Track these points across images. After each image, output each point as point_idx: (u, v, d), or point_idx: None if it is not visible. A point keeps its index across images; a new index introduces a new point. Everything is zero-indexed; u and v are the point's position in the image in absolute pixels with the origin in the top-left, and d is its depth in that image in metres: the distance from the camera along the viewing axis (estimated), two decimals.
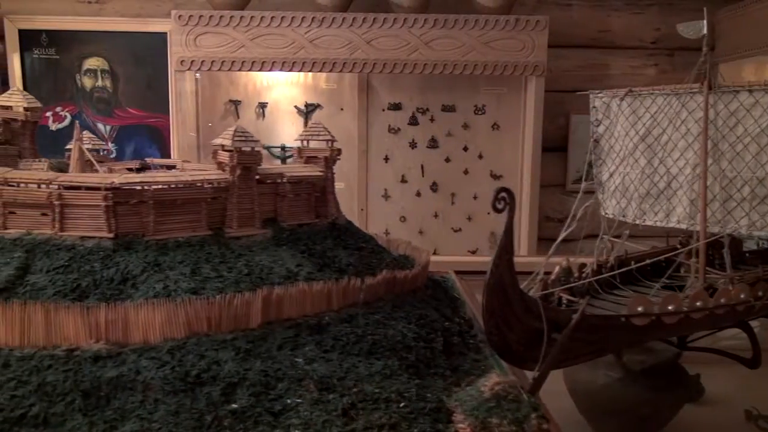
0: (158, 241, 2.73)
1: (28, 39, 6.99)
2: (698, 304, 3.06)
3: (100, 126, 7.13)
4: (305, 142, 3.40)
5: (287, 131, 7.11)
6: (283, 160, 6.96)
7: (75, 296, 2.46)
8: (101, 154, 3.89)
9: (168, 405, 2.19)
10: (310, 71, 6.81)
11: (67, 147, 3.88)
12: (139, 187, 2.73)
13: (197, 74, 6.76)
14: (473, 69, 6.68)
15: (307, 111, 7.19)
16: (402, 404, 2.29)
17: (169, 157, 6.99)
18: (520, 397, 2.28)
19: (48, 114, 6.83)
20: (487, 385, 2.28)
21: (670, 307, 2.95)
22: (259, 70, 6.76)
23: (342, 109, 7.22)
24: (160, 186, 2.74)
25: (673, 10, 7.22)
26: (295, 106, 7.18)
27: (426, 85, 7.11)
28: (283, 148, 7.09)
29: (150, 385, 2.24)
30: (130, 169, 3.79)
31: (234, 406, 2.22)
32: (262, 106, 7.14)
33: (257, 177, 3.02)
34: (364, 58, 6.67)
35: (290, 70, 6.75)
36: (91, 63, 7.13)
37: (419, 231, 7.14)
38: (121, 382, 2.24)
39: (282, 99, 7.19)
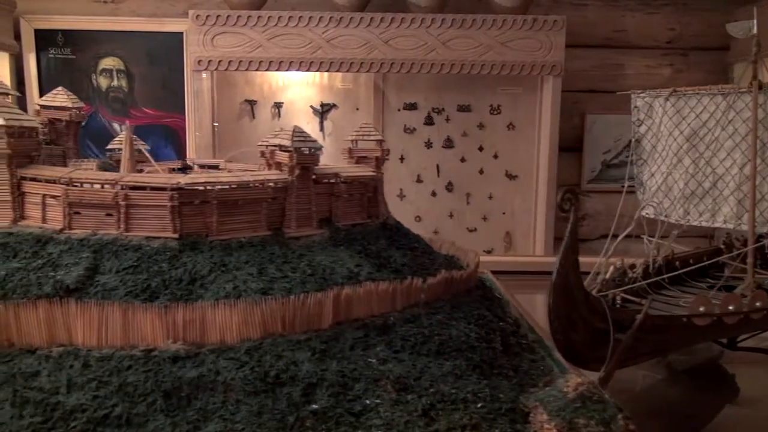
0: (222, 242, 2.72)
1: (44, 39, 6.97)
2: (758, 304, 3.07)
3: (116, 126, 7.11)
4: (355, 142, 3.40)
5: None
6: None
7: (146, 296, 2.45)
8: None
9: (250, 405, 2.19)
10: (327, 71, 6.82)
11: (108, 147, 3.87)
12: (202, 188, 2.72)
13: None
14: (491, 69, 6.70)
15: (323, 111, 7.20)
16: (479, 405, 2.29)
17: (184, 156, 6.98)
18: (604, 398, 2.29)
19: None
20: (569, 385, 2.28)
21: (730, 308, 2.97)
22: (277, 70, 6.76)
23: (357, 109, 7.23)
24: (223, 186, 2.74)
25: (688, 10, 7.26)
26: (311, 106, 7.19)
27: (441, 85, 7.12)
28: None
29: (231, 386, 2.23)
30: (172, 170, 3.78)
31: (314, 406, 2.22)
32: (278, 106, 7.14)
33: (313, 177, 3.02)
34: (382, 58, 6.67)
35: (308, 70, 6.75)
36: (107, 63, 7.12)
37: (434, 231, 7.14)
38: (202, 382, 2.24)
39: (297, 99, 7.19)
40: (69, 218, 2.68)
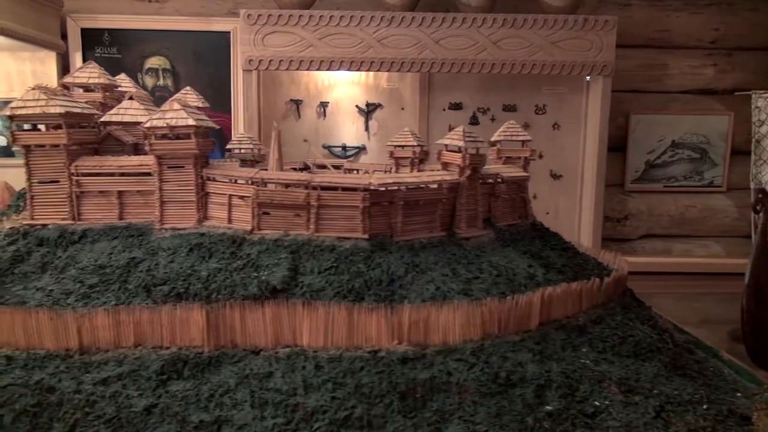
0: (406, 242, 2.70)
1: (91, 38, 6.88)
2: None
3: None
4: (500, 143, 3.39)
5: (348, 131, 7.07)
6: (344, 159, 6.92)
7: (353, 297, 2.42)
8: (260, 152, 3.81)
9: (487, 407, 2.17)
10: (378, 71, 6.78)
11: (228, 146, 3.83)
12: (385, 188, 2.70)
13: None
14: (541, 69, 6.68)
15: (368, 110, 7.17)
16: (704, 406, 2.29)
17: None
18: None
19: None
20: None
21: None
22: (327, 70, 6.70)
23: (403, 109, 7.20)
24: (409, 187, 2.72)
25: (732, 10, 7.28)
26: (356, 106, 7.15)
27: (487, 84, 7.12)
28: (344, 147, 7.06)
29: (464, 387, 2.21)
30: (294, 170, 3.75)
31: (548, 408, 2.21)
32: (323, 105, 7.10)
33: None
34: (432, 58, 6.65)
35: (358, 70, 6.72)
36: (153, 62, 7.05)
37: None
38: (435, 383, 2.21)
39: (343, 98, 7.15)
40: (258, 219, 2.64)
